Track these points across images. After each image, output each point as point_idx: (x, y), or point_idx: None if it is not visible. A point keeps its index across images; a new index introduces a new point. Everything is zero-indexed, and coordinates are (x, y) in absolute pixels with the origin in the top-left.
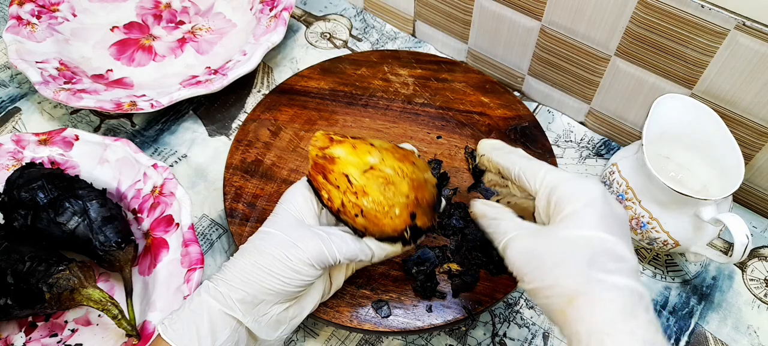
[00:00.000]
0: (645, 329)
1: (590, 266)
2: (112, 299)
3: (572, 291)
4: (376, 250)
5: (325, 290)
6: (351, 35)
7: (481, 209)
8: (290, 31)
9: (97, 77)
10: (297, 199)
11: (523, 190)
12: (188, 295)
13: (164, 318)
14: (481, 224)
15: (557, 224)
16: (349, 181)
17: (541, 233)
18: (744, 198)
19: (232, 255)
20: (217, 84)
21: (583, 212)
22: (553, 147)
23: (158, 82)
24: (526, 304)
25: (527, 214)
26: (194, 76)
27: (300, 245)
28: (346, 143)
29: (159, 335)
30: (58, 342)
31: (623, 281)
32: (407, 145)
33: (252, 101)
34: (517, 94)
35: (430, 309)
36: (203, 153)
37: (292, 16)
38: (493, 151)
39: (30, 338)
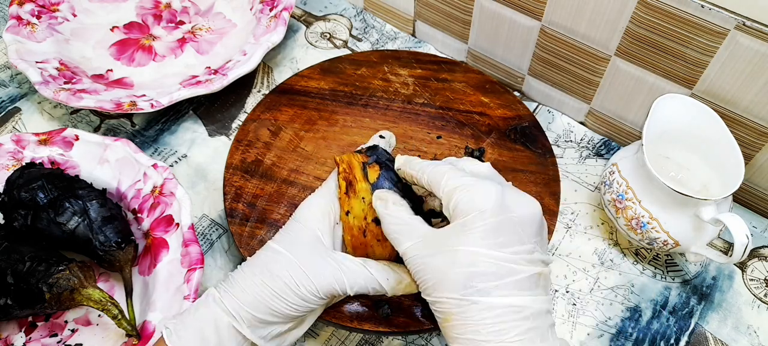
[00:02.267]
0: (517, 343)
1: (465, 287)
2: (112, 299)
3: (447, 310)
4: (395, 277)
5: (328, 303)
6: (351, 35)
7: (384, 212)
8: (290, 31)
9: (97, 77)
10: (313, 213)
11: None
12: (188, 295)
13: (168, 321)
14: (385, 228)
15: (448, 234)
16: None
17: (433, 242)
18: (744, 198)
19: (231, 254)
20: (217, 84)
21: (471, 225)
22: (553, 147)
23: (158, 82)
24: None
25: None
26: (194, 76)
27: (311, 275)
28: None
29: (162, 338)
30: (58, 342)
31: (499, 300)
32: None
33: (252, 101)
34: (517, 94)
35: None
36: (203, 153)
37: (292, 16)
38: (406, 163)
39: (30, 338)
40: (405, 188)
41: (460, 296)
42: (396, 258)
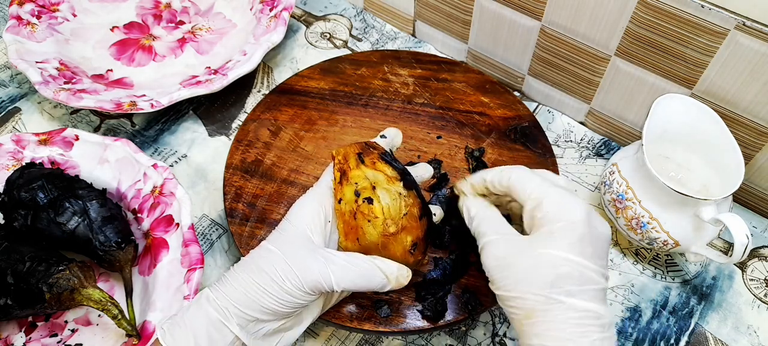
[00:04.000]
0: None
1: (552, 286)
2: (112, 299)
3: (531, 307)
4: (385, 270)
5: (325, 303)
6: (351, 35)
7: (470, 205)
8: (290, 31)
9: (97, 77)
10: (305, 212)
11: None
12: (188, 295)
13: (163, 322)
14: (467, 219)
15: (535, 238)
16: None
17: (517, 243)
18: (744, 198)
19: (231, 254)
20: (217, 84)
21: (561, 233)
22: (553, 147)
23: (158, 82)
24: None
25: (515, 216)
26: (194, 76)
27: (297, 270)
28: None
29: (157, 339)
30: (58, 342)
31: (582, 304)
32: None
33: (252, 101)
34: (517, 94)
35: (433, 296)
36: (203, 153)
37: (292, 16)
38: (482, 173)
39: (30, 338)
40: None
41: (546, 295)
42: (387, 238)
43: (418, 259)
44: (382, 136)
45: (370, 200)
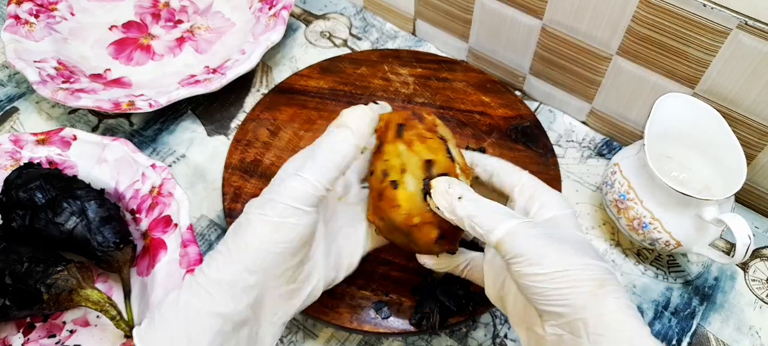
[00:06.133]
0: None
1: (600, 256)
2: (111, 299)
3: (602, 276)
4: (348, 129)
5: (327, 273)
6: (351, 34)
7: (465, 205)
8: (289, 30)
9: (96, 77)
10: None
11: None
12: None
13: (141, 322)
14: (465, 219)
15: (546, 224)
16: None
17: (540, 224)
18: (746, 198)
19: None
20: (216, 83)
21: (563, 219)
22: (554, 147)
23: (157, 82)
24: None
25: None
26: (193, 76)
27: (274, 194)
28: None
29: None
30: (57, 343)
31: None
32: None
33: (251, 101)
34: (518, 93)
35: (431, 309)
36: (202, 153)
37: (291, 14)
38: (470, 155)
39: (28, 339)
40: None
41: (603, 263)
42: (410, 228)
43: (446, 249)
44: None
45: (395, 184)
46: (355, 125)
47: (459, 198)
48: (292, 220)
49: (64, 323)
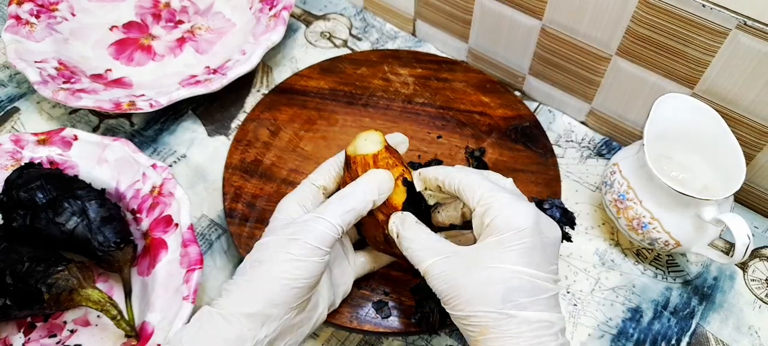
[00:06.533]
0: None
1: (504, 301)
2: (111, 299)
3: (485, 324)
4: (370, 185)
5: (329, 300)
6: (351, 34)
7: (399, 229)
8: (290, 31)
9: (96, 77)
10: (290, 207)
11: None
12: (187, 295)
13: (170, 338)
14: (399, 245)
15: (483, 250)
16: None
17: (463, 259)
18: (745, 198)
19: (230, 255)
20: (217, 83)
21: (509, 243)
22: (554, 147)
23: (157, 82)
24: None
25: (467, 218)
26: (193, 76)
27: (299, 235)
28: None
29: None
30: (57, 343)
31: (535, 315)
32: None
33: (251, 101)
34: (517, 93)
35: (431, 309)
36: (202, 153)
37: (291, 15)
38: (432, 170)
39: (29, 338)
40: (414, 199)
41: (498, 310)
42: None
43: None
44: None
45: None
46: (378, 190)
47: (396, 236)
48: (315, 259)
49: (65, 322)
